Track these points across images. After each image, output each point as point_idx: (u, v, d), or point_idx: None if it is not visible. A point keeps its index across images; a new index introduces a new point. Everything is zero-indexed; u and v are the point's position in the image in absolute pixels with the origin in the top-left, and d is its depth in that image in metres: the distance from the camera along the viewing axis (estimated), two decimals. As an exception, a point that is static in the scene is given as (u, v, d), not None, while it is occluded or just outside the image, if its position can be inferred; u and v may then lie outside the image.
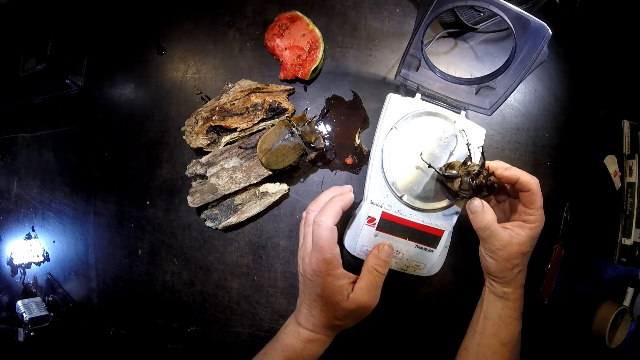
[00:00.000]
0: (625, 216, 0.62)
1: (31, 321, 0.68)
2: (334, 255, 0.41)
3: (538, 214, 0.44)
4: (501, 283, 0.46)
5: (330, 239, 0.41)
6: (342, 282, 0.41)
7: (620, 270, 0.64)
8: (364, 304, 0.42)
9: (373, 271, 0.43)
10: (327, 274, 0.41)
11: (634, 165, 0.62)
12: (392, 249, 0.46)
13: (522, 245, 0.43)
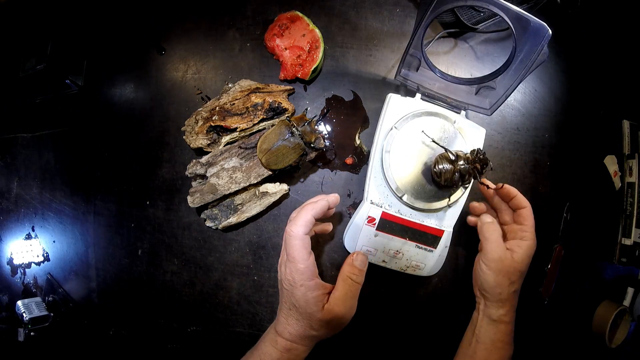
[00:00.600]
0: (625, 216, 0.62)
1: (31, 321, 0.68)
2: (307, 266, 0.40)
3: (531, 232, 0.47)
4: (496, 303, 0.46)
5: (301, 248, 0.41)
6: (316, 293, 0.40)
7: (620, 270, 0.64)
8: (339, 314, 0.41)
9: (348, 280, 0.43)
10: (301, 284, 0.40)
11: (634, 165, 0.62)
12: (366, 258, 0.46)
13: (519, 262, 0.45)
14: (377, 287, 0.60)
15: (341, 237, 0.57)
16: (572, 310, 0.63)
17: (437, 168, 0.48)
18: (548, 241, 0.61)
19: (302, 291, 0.40)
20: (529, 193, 0.61)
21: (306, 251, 0.41)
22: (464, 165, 0.48)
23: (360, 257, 0.45)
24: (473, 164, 0.48)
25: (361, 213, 0.53)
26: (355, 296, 0.43)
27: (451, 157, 0.48)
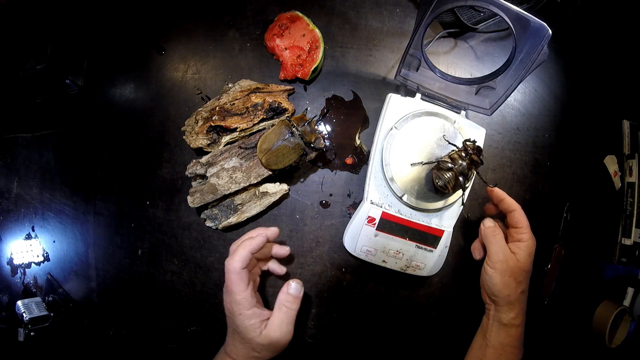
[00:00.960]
0: (625, 216, 0.62)
1: (31, 321, 0.68)
2: (244, 297, 0.43)
3: (527, 232, 0.47)
4: (506, 307, 0.47)
5: (238, 282, 0.43)
6: (253, 321, 0.43)
7: (620, 270, 0.64)
8: (275, 339, 0.44)
9: (283, 307, 0.45)
10: (239, 313, 0.43)
11: (634, 165, 0.62)
12: (301, 285, 0.47)
13: (522, 262, 0.46)
14: (377, 287, 0.60)
15: (341, 237, 0.57)
16: (572, 310, 0.63)
17: (441, 182, 0.48)
18: (548, 241, 0.61)
19: (241, 319, 0.43)
20: (529, 193, 0.61)
21: (243, 284, 0.44)
22: (463, 164, 0.48)
23: (294, 285, 0.46)
24: (469, 157, 0.48)
25: (361, 213, 0.53)
26: (291, 322, 0.45)
27: (449, 165, 0.48)
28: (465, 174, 0.48)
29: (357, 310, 0.61)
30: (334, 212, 0.60)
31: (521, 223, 0.48)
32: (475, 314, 0.59)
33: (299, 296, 0.46)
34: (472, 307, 0.60)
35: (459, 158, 0.48)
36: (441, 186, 0.48)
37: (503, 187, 0.60)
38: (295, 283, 0.46)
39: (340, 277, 0.60)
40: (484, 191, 0.60)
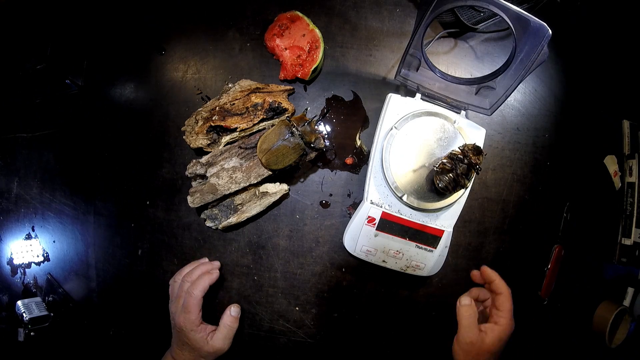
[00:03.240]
0: (625, 216, 0.62)
1: (31, 321, 0.68)
2: (197, 317, 0.54)
3: (507, 318, 0.49)
4: None
5: (197, 306, 0.54)
6: (202, 334, 0.54)
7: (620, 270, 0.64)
8: (219, 348, 0.54)
9: (227, 325, 0.56)
10: (191, 329, 0.54)
11: (634, 165, 0.62)
12: (239, 309, 0.58)
13: (491, 345, 0.48)
14: (377, 287, 0.60)
15: (341, 237, 0.57)
16: (572, 310, 0.63)
17: (442, 184, 0.49)
18: (548, 241, 0.61)
19: (193, 334, 0.54)
20: (529, 193, 0.61)
21: (199, 307, 0.54)
22: (463, 165, 0.48)
23: (234, 309, 0.57)
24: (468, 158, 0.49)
25: (361, 213, 0.53)
26: (232, 336, 0.56)
27: (448, 167, 0.49)
28: (465, 175, 0.48)
29: (357, 310, 0.61)
30: (334, 212, 0.60)
31: (504, 307, 0.49)
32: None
33: (237, 317, 0.57)
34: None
35: (458, 159, 0.49)
36: (442, 188, 0.49)
37: (503, 187, 0.60)
38: (234, 307, 0.57)
39: (340, 277, 0.60)
40: (484, 192, 0.60)
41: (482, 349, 0.48)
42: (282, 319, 0.61)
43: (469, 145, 0.50)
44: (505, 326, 0.49)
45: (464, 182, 0.49)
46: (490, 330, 0.49)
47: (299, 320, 0.61)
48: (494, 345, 0.48)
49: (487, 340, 0.48)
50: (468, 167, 0.49)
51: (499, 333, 0.48)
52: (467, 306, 0.50)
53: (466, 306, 0.50)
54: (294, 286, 0.61)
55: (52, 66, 0.68)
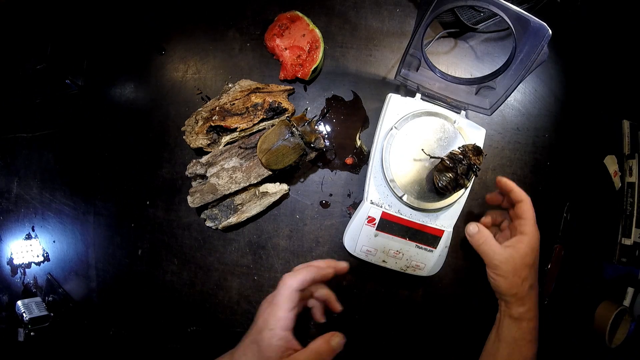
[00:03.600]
0: (625, 216, 0.62)
1: (31, 321, 0.68)
2: (286, 316, 0.41)
3: (531, 224, 0.46)
4: (515, 303, 0.46)
5: (287, 299, 0.42)
6: (281, 344, 0.40)
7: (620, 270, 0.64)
8: None
9: (317, 353, 0.41)
10: (271, 328, 0.41)
11: (634, 165, 0.62)
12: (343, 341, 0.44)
13: (525, 256, 0.45)
14: (377, 287, 0.60)
15: (341, 237, 0.57)
16: (572, 310, 0.63)
17: (441, 183, 0.49)
18: (548, 241, 0.61)
19: (270, 335, 0.41)
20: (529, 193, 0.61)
21: (291, 304, 0.42)
22: (463, 165, 0.48)
23: (337, 340, 0.43)
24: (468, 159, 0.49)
25: (361, 213, 0.53)
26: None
27: (449, 164, 0.49)
28: (465, 175, 0.48)
29: (357, 310, 0.61)
30: (334, 212, 0.60)
31: (527, 214, 0.47)
32: (475, 314, 0.59)
33: (336, 352, 0.43)
34: (472, 307, 0.60)
35: (458, 160, 0.49)
36: (442, 187, 0.49)
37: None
38: (339, 339, 0.43)
39: (340, 277, 0.60)
40: (484, 192, 0.60)
41: (517, 265, 0.45)
42: (282, 319, 0.61)
43: (468, 146, 0.50)
44: (533, 233, 0.46)
45: (463, 182, 0.49)
46: (518, 242, 0.46)
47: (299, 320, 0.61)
48: (528, 256, 0.45)
49: (519, 253, 0.45)
50: (468, 167, 0.49)
51: (528, 242, 0.45)
52: (476, 234, 0.47)
53: (475, 234, 0.47)
54: (294, 286, 0.61)
55: (52, 66, 0.68)
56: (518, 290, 0.45)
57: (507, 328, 0.47)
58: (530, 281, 0.46)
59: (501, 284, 0.46)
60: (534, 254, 0.46)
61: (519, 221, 0.47)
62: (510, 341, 0.46)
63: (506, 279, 0.45)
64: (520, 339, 0.46)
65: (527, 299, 0.46)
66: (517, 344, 0.46)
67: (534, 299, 0.47)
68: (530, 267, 0.46)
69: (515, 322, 0.46)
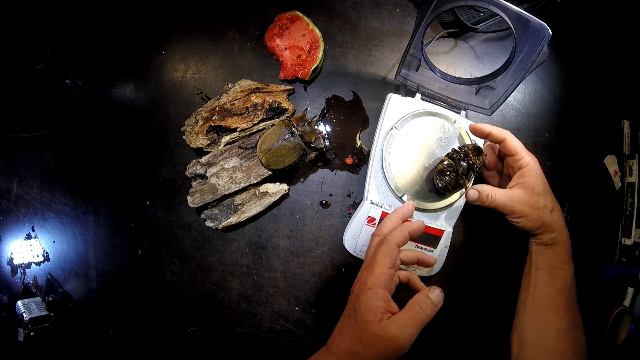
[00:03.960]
0: (625, 216, 0.62)
1: (31, 321, 0.68)
2: (384, 274, 0.39)
3: (524, 155, 0.46)
4: (545, 232, 0.46)
5: (387, 256, 0.40)
6: (380, 303, 0.38)
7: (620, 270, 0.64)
8: (393, 335, 0.37)
9: (415, 306, 0.39)
10: (370, 287, 0.39)
11: (634, 165, 0.61)
12: (442, 296, 0.41)
13: (534, 187, 0.45)
14: (377, 287, 0.60)
15: (341, 237, 0.57)
16: (572, 310, 0.63)
17: (442, 183, 0.49)
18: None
19: (368, 295, 0.38)
20: (529, 193, 0.61)
21: (391, 260, 0.39)
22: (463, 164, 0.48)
23: (437, 293, 0.40)
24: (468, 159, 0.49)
25: (361, 213, 0.53)
26: (417, 326, 0.38)
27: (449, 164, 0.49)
28: (465, 174, 0.49)
29: (357, 310, 0.61)
30: (334, 212, 0.60)
31: (516, 148, 0.46)
32: (475, 314, 0.59)
33: (437, 306, 0.40)
34: (472, 307, 0.60)
35: (459, 159, 0.49)
36: (442, 188, 0.49)
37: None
38: (439, 291, 0.40)
39: (340, 277, 0.60)
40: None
41: (531, 199, 0.45)
42: (282, 319, 0.61)
43: (469, 145, 0.50)
44: (530, 162, 0.46)
45: (463, 182, 0.49)
46: (521, 177, 0.46)
47: (299, 320, 0.61)
48: (537, 185, 0.45)
49: (527, 187, 0.45)
50: (468, 167, 0.49)
51: (531, 173, 0.45)
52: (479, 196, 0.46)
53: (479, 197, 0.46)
54: (294, 286, 0.61)
55: (52, 66, 0.68)
56: (543, 221, 0.45)
57: (542, 255, 0.47)
58: (550, 206, 0.46)
59: (525, 223, 0.46)
60: (541, 179, 0.46)
61: (512, 158, 0.47)
62: (547, 267, 0.47)
63: (527, 217, 0.45)
64: (557, 262, 0.47)
65: (554, 224, 0.46)
66: (555, 267, 0.47)
67: (560, 222, 0.47)
68: (543, 194, 0.46)
69: (548, 248, 0.47)
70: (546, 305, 0.47)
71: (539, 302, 0.48)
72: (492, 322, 0.59)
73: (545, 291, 0.47)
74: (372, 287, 0.38)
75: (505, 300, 0.54)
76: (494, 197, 0.46)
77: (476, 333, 0.59)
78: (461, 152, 0.49)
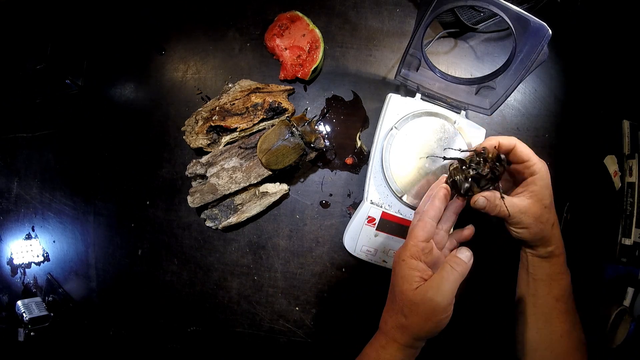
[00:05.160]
0: (625, 216, 0.62)
1: (31, 321, 0.68)
2: (417, 244, 0.40)
3: (536, 161, 0.43)
4: (543, 245, 0.45)
5: (422, 229, 0.41)
6: (414, 272, 0.39)
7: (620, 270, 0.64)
8: (429, 298, 0.38)
9: (447, 266, 0.39)
10: (403, 259, 0.40)
11: (634, 165, 0.61)
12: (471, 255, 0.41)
13: (542, 199, 0.43)
14: (377, 287, 0.60)
15: (341, 237, 0.57)
16: (572, 310, 0.63)
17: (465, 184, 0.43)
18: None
19: (401, 267, 0.40)
20: (529, 193, 0.61)
21: (426, 234, 0.41)
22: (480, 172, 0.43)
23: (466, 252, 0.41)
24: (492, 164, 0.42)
25: (361, 213, 0.53)
26: (452, 283, 0.38)
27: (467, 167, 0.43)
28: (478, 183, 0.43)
29: (357, 310, 0.61)
30: (334, 212, 0.60)
31: (527, 155, 0.43)
32: (475, 314, 0.59)
33: (467, 263, 0.40)
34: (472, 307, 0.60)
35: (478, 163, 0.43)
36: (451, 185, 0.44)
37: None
38: (467, 250, 0.41)
39: (340, 277, 0.60)
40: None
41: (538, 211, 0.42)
42: (282, 319, 0.61)
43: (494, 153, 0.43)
44: (542, 168, 0.43)
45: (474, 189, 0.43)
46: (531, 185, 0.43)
47: (299, 320, 0.61)
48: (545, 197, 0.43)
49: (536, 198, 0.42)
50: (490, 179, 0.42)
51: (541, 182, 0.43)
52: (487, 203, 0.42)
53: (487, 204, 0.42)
54: (294, 286, 0.61)
55: (52, 66, 0.68)
56: (543, 234, 0.44)
57: (538, 267, 0.47)
58: (552, 220, 0.44)
59: (525, 235, 0.44)
60: (549, 191, 0.44)
61: (523, 165, 0.44)
62: (546, 278, 0.46)
63: (529, 230, 0.43)
64: (555, 274, 0.46)
65: (553, 237, 0.45)
66: (554, 279, 0.46)
67: (557, 235, 0.45)
68: (549, 207, 0.44)
69: (545, 260, 0.46)
70: (547, 314, 0.47)
71: (540, 312, 0.47)
72: (493, 322, 0.59)
73: (544, 301, 0.47)
74: (405, 258, 0.40)
75: (506, 301, 0.54)
76: (503, 209, 0.43)
77: (476, 333, 0.59)
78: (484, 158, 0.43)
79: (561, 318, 0.47)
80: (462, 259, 0.40)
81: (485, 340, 0.59)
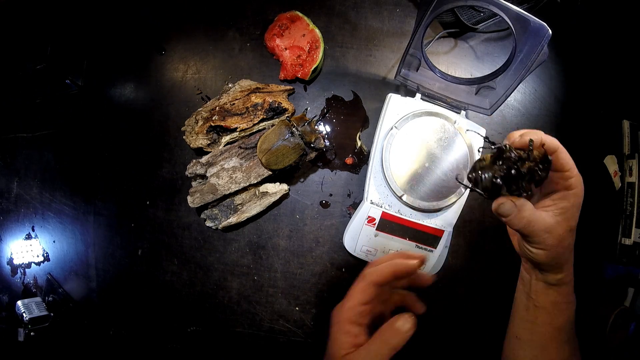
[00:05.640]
0: (625, 216, 0.62)
1: (31, 321, 0.68)
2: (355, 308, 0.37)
3: (575, 174, 0.36)
4: (554, 270, 0.39)
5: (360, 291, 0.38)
6: (345, 338, 0.37)
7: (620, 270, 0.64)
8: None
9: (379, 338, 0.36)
10: (337, 321, 0.38)
11: (634, 165, 0.62)
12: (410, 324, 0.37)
13: (571, 219, 0.36)
14: (377, 287, 0.60)
15: (341, 237, 0.57)
16: (572, 310, 0.63)
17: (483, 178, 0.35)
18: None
19: (335, 329, 0.38)
20: (529, 193, 0.61)
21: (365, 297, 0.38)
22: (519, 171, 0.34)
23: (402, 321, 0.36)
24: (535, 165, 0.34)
25: (361, 213, 0.53)
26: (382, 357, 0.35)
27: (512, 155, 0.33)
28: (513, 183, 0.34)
29: (357, 310, 0.61)
30: (334, 212, 0.60)
31: (569, 164, 0.35)
32: (475, 314, 0.59)
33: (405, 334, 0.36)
34: (472, 307, 0.60)
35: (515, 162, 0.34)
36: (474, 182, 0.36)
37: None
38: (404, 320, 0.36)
39: (340, 277, 0.60)
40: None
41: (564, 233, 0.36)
42: (282, 319, 0.61)
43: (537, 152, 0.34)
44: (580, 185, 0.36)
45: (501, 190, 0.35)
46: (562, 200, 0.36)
47: (299, 320, 0.61)
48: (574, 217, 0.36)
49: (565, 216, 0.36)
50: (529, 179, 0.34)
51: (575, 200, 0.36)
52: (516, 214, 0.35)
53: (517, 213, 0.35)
54: (294, 286, 0.61)
55: (52, 66, 0.68)
56: (559, 260, 0.38)
57: (543, 294, 0.41)
58: (571, 246, 0.38)
59: (541, 257, 0.37)
60: (579, 213, 0.37)
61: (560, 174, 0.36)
62: (549, 307, 0.41)
63: (548, 251, 0.37)
64: (561, 303, 0.41)
65: (565, 264, 0.39)
66: (558, 308, 0.41)
67: (570, 262, 0.39)
68: (574, 230, 0.37)
69: (552, 288, 0.40)
70: (546, 343, 0.42)
71: (537, 340, 0.43)
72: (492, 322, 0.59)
73: (544, 330, 0.42)
74: (340, 321, 0.38)
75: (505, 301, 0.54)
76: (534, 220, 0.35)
77: (476, 332, 0.59)
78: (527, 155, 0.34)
79: (561, 347, 0.42)
80: (398, 329, 0.36)
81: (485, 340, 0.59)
